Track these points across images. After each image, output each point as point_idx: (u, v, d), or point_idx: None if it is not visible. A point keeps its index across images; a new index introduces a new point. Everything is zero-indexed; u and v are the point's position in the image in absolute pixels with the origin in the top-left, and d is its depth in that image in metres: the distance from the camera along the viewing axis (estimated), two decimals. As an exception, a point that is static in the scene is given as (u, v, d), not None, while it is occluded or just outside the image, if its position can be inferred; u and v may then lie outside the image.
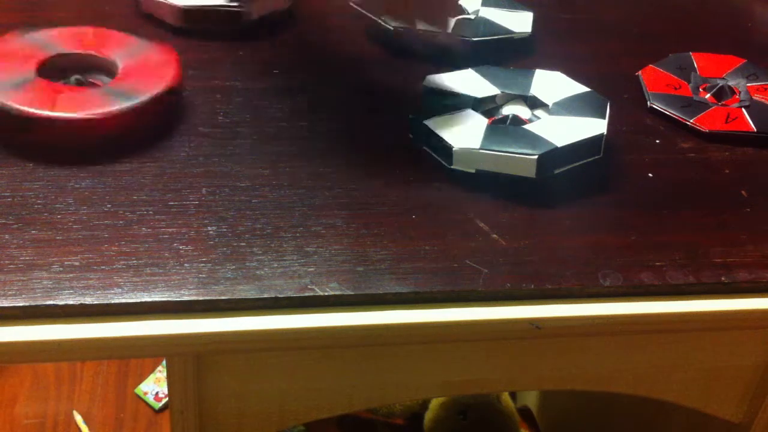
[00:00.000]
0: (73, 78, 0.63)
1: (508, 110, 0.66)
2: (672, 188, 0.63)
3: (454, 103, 0.64)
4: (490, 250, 0.55)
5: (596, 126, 0.63)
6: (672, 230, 0.59)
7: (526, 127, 0.63)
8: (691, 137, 0.68)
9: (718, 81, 0.73)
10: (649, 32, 0.83)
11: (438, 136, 0.61)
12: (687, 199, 0.62)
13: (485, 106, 0.66)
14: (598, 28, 0.84)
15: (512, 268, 0.54)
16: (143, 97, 0.61)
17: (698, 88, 0.72)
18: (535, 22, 0.79)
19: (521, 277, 0.54)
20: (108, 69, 0.65)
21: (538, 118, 0.65)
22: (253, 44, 0.74)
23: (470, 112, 0.63)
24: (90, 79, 0.64)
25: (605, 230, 0.58)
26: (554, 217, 0.59)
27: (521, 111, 0.66)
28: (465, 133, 0.61)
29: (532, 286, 0.53)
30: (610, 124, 0.66)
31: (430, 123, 0.62)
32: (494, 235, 0.56)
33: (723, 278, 0.55)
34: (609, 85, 0.72)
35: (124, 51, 0.66)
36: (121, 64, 0.64)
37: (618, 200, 0.61)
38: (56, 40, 0.66)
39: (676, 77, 0.73)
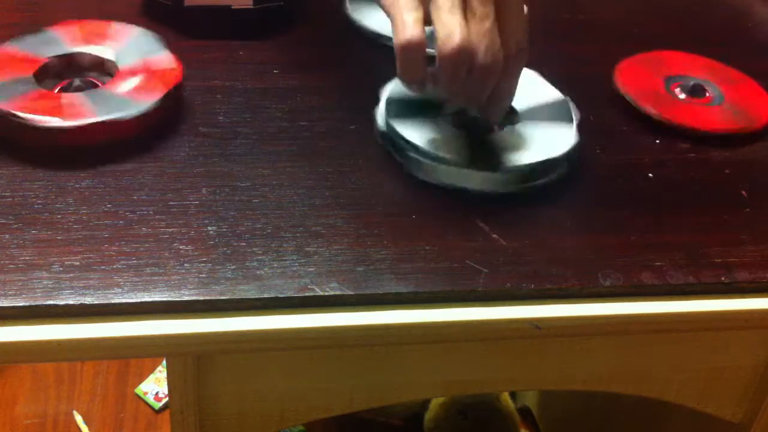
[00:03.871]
0: (72, 81, 0.63)
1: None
2: (672, 188, 0.63)
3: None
4: (490, 250, 0.55)
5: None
6: (672, 230, 0.59)
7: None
8: (691, 137, 0.68)
9: (691, 80, 0.72)
10: (650, 32, 0.83)
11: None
12: (687, 199, 0.62)
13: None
14: (597, 29, 0.84)
15: (512, 268, 0.54)
16: (143, 100, 0.61)
17: (671, 86, 0.72)
18: (534, 23, 0.79)
19: (521, 277, 0.54)
20: (108, 69, 0.65)
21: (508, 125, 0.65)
22: (253, 44, 0.74)
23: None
24: (90, 79, 0.64)
25: (605, 230, 0.58)
26: (554, 217, 0.59)
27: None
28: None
29: (532, 286, 0.53)
30: (610, 124, 0.66)
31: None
32: (494, 235, 0.56)
33: (723, 278, 0.55)
34: (609, 85, 0.72)
35: (124, 51, 0.66)
36: (120, 65, 0.64)
37: (618, 200, 0.61)
38: (55, 40, 0.66)
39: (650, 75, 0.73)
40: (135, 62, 0.64)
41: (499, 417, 1.15)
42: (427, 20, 0.55)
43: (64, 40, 0.66)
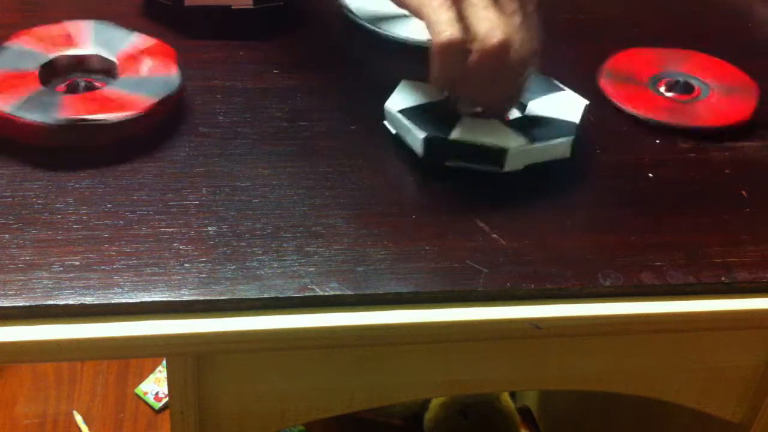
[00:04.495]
0: (72, 82, 0.63)
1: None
2: (672, 188, 0.63)
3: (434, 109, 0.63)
4: (490, 250, 0.55)
5: (575, 100, 0.64)
6: (672, 230, 0.59)
7: (532, 114, 0.63)
8: (692, 137, 0.68)
9: (678, 77, 0.72)
10: (649, 32, 0.83)
11: (479, 145, 0.59)
12: (687, 199, 0.62)
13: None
14: (597, 29, 0.84)
15: (512, 268, 0.54)
16: (143, 102, 0.61)
17: (656, 83, 0.72)
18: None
19: (521, 277, 0.54)
20: (108, 70, 0.65)
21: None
22: (253, 44, 0.74)
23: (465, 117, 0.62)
24: (91, 81, 0.64)
25: (605, 230, 0.58)
26: (554, 217, 0.59)
27: None
28: (500, 135, 0.60)
29: (532, 286, 0.53)
30: (608, 123, 0.66)
31: (458, 136, 0.60)
32: (494, 235, 0.56)
33: (723, 278, 0.55)
34: (609, 85, 0.72)
35: (125, 51, 0.66)
36: (121, 65, 0.64)
37: (618, 200, 0.61)
38: (54, 40, 0.66)
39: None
40: (135, 62, 0.64)
41: (499, 417, 1.15)
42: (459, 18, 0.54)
43: (64, 41, 0.66)
